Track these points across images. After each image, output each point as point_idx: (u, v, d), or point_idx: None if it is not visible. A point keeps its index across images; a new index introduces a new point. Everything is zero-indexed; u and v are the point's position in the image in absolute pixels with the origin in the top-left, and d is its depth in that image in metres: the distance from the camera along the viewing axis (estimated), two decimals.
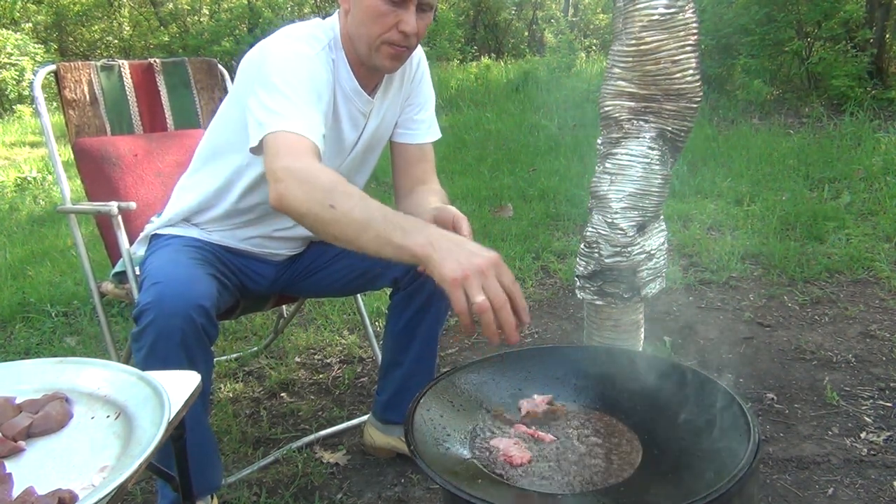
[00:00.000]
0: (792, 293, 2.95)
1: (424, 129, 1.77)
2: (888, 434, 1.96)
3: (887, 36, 7.71)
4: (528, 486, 1.14)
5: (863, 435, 1.97)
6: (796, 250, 3.35)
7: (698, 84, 1.65)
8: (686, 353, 2.47)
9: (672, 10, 1.57)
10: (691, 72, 1.62)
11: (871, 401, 2.13)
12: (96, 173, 2.08)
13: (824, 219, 3.71)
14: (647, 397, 1.35)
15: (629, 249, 1.69)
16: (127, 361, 1.74)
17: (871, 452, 1.89)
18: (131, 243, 1.83)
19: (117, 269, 1.86)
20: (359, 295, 2.28)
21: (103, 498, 0.77)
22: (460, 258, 1.10)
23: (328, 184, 1.27)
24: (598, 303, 1.77)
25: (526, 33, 17.45)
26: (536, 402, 1.34)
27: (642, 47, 1.60)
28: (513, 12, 17.10)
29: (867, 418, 2.04)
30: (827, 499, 1.73)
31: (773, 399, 2.17)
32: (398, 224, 1.19)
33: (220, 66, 2.36)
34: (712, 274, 3.19)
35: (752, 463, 1.04)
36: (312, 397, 2.36)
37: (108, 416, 0.99)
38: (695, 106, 1.67)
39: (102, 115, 2.14)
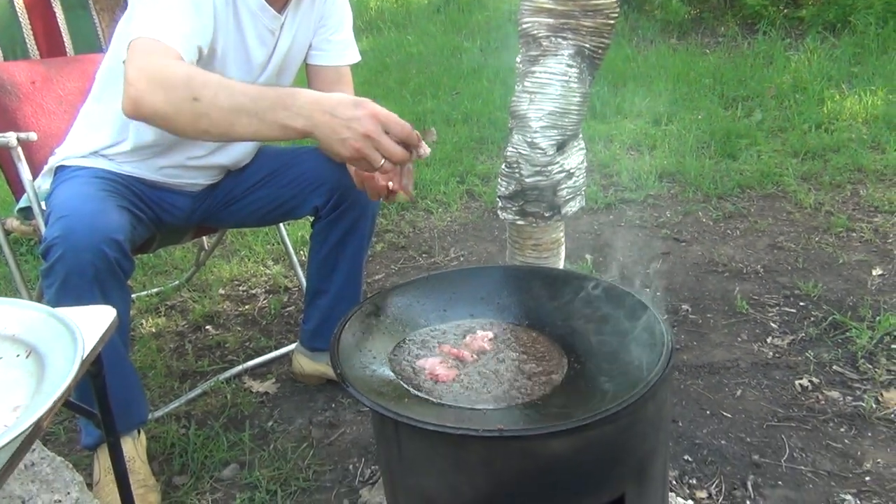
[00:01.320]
0: (706, 209, 3.06)
1: (340, 50, 1.71)
2: (791, 338, 2.08)
3: None
4: (454, 403, 1.16)
5: (769, 340, 2.09)
6: (711, 167, 3.46)
7: (615, 0, 1.64)
8: (606, 270, 2.54)
9: None
10: None
11: (777, 308, 2.26)
12: None
13: (737, 136, 3.82)
14: (569, 313, 1.39)
15: (549, 168, 1.70)
16: (40, 301, 1.67)
17: (776, 355, 2.01)
18: (35, 176, 1.74)
19: (22, 204, 1.77)
20: (282, 224, 2.25)
21: (17, 437, 0.75)
22: (343, 133, 1.13)
23: (184, 76, 1.21)
24: (519, 222, 1.79)
25: None
26: (479, 337, 1.35)
27: None
28: None
29: (773, 324, 2.17)
30: (735, 400, 1.84)
31: (687, 310, 2.27)
32: (268, 105, 1.17)
33: None
34: (631, 192, 3.26)
35: (664, 370, 1.10)
36: (239, 329, 2.34)
37: (17, 356, 0.95)
38: (612, 22, 1.67)
39: None
